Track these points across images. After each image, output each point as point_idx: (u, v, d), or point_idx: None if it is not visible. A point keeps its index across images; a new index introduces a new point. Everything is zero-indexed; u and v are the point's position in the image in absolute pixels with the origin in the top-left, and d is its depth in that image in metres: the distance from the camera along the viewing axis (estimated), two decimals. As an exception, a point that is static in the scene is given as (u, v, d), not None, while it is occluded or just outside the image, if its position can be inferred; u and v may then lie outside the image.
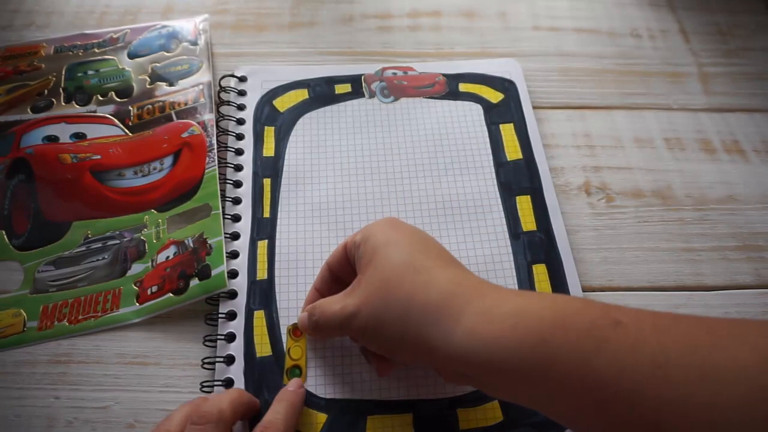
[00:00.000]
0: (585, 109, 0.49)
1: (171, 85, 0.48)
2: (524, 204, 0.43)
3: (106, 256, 0.40)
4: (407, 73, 0.50)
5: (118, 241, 0.41)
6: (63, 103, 0.47)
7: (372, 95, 0.49)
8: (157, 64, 0.49)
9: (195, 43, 0.50)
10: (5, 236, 0.41)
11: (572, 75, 0.51)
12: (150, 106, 0.47)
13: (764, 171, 0.47)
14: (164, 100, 0.47)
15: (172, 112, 0.46)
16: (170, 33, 0.51)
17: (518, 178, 0.44)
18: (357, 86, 0.49)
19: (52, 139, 0.45)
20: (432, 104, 0.48)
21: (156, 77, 0.48)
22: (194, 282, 0.38)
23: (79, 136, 0.45)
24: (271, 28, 0.53)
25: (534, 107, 0.48)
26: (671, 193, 0.45)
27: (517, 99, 0.49)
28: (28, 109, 0.47)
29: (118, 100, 0.48)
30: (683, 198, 0.45)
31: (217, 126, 0.45)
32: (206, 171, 0.43)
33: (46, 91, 0.48)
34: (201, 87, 0.47)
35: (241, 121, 0.46)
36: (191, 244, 0.40)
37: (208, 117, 0.46)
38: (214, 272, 0.38)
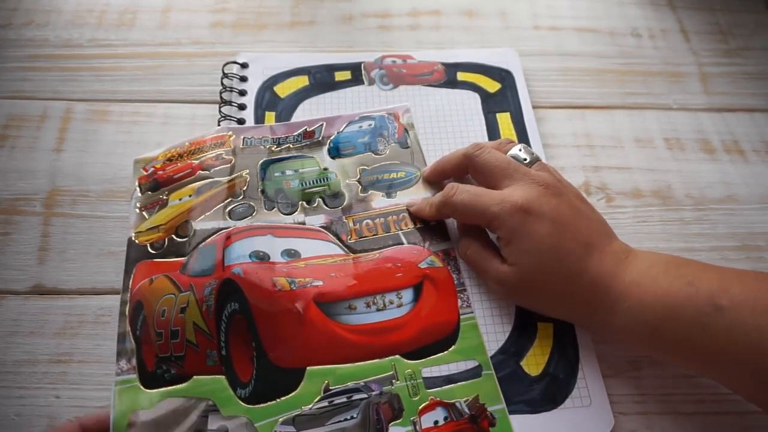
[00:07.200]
0: (585, 108, 0.49)
1: (389, 196, 0.41)
2: None
3: (354, 415, 0.33)
4: (406, 61, 0.50)
5: (365, 395, 0.34)
6: (265, 210, 0.40)
7: (371, 83, 0.49)
8: (366, 168, 0.43)
9: (405, 146, 0.44)
10: (228, 384, 0.34)
11: (572, 74, 0.51)
12: (369, 221, 0.40)
13: (764, 171, 0.47)
14: (386, 216, 0.41)
15: (400, 232, 0.40)
16: (373, 129, 0.44)
17: None
18: (357, 74, 0.50)
19: (261, 256, 0.37)
20: (430, 92, 0.49)
21: (368, 184, 0.42)
22: None
23: (292, 254, 0.37)
24: (271, 27, 0.53)
25: (534, 107, 0.48)
26: (671, 193, 0.45)
27: (514, 89, 0.49)
28: (226, 215, 0.39)
29: (328, 208, 0.41)
30: (683, 198, 0.45)
31: (219, 111, 0.46)
32: (462, 317, 0.37)
33: (241, 193, 0.41)
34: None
35: (242, 107, 0.47)
36: (466, 410, 0.34)
37: (446, 246, 0.40)
38: None
